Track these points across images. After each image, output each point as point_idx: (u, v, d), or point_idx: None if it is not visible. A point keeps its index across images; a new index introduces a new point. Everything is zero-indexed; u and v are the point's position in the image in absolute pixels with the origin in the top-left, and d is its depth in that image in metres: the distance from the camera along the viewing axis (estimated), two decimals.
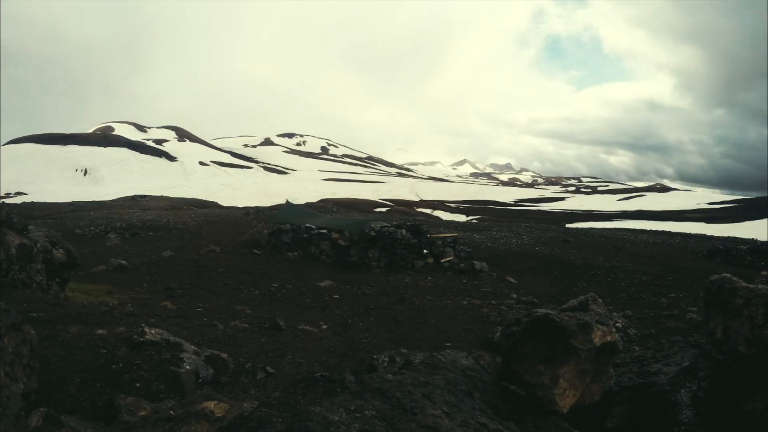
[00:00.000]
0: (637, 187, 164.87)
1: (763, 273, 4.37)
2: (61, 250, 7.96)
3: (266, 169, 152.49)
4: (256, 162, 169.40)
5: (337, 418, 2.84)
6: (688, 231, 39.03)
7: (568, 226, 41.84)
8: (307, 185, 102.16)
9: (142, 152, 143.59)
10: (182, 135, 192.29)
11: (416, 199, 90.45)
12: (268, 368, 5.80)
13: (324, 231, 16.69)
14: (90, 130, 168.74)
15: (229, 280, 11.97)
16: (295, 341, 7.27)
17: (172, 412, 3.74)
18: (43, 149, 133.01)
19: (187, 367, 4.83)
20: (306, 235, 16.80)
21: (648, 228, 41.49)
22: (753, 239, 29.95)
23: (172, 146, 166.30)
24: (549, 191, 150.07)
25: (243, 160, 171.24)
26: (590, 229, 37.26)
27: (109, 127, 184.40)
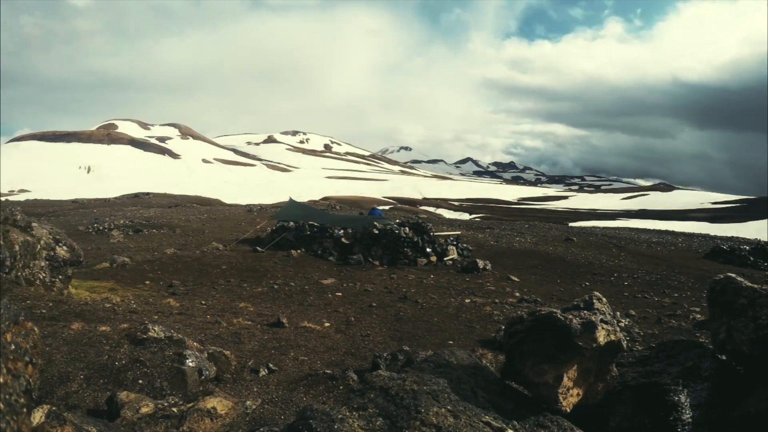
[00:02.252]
0: (641, 186, 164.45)
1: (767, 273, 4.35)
2: (64, 247, 7.98)
3: (269, 166, 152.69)
4: (259, 159, 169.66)
5: (339, 416, 2.84)
6: (691, 230, 38.93)
7: (571, 224, 41.78)
8: (310, 183, 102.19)
9: (145, 150, 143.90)
10: (185, 133, 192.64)
11: (419, 197, 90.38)
12: (270, 366, 5.81)
13: (327, 228, 16.69)
14: (93, 128, 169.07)
15: (232, 278, 11.98)
16: (298, 339, 7.28)
17: (174, 410, 3.74)
18: (46, 146, 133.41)
19: (190, 364, 4.84)
20: (309, 232, 16.81)
21: (651, 227, 41.42)
22: (757, 239, 29.83)
23: (175, 144, 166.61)
24: (552, 190, 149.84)
25: (246, 157, 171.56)
26: (593, 228, 37.20)
27: (113, 124, 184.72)
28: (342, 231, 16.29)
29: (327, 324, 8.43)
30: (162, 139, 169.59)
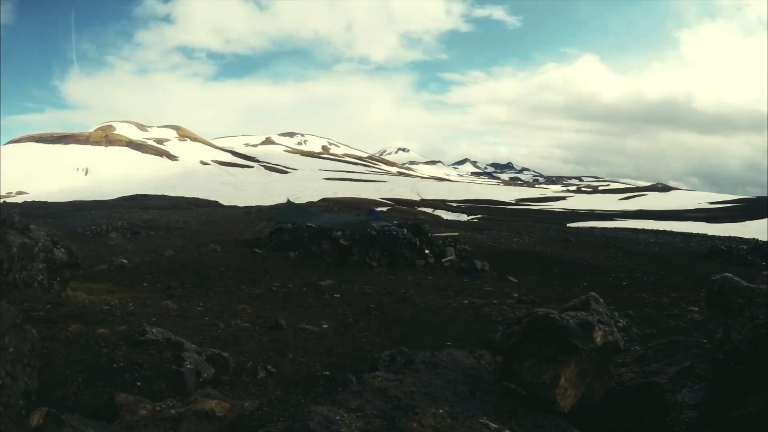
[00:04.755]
0: (638, 187, 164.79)
1: (765, 273, 4.36)
2: (62, 250, 7.96)
3: (267, 168, 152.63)
4: (257, 161, 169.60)
5: (338, 418, 2.84)
6: (689, 230, 38.99)
7: (569, 225, 41.84)
8: (308, 184, 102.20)
9: (143, 151, 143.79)
10: (183, 134, 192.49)
11: (417, 198, 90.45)
12: (269, 367, 5.80)
13: (325, 230, 16.68)
14: (91, 130, 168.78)
15: (230, 279, 11.97)
16: (296, 340, 7.27)
17: (173, 411, 3.74)
18: (44, 148, 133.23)
19: (189, 366, 4.83)
20: (307, 234, 16.79)
21: (649, 227, 41.46)
22: (754, 239, 29.91)
23: (173, 145, 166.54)
24: (550, 190, 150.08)
25: (244, 159, 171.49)
26: (591, 228, 37.26)
27: (110, 126, 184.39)
28: (340, 232, 16.27)
29: (325, 325, 8.43)
30: (160, 141, 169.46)
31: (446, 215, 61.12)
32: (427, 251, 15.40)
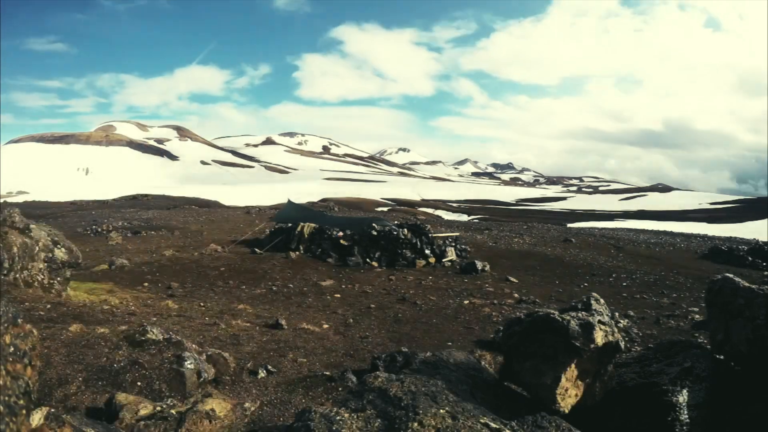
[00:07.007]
0: (638, 187, 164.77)
1: (765, 273, 4.36)
2: (62, 249, 7.97)
3: (268, 168, 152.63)
4: (258, 161, 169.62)
5: (338, 418, 2.84)
6: (690, 231, 38.90)
7: (569, 225, 41.77)
8: (308, 184, 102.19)
9: (143, 151, 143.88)
10: (184, 134, 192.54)
11: (418, 198, 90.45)
12: (269, 367, 5.80)
13: (326, 230, 16.69)
14: (92, 129, 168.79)
15: (231, 279, 11.97)
16: (297, 340, 7.27)
17: (173, 411, 3.74)
18: (44, 148, 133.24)
19: (189, 366, 4.83)
20: (307, 234, 16.79)
21: (650, 228, 41.38)
22: (755, 239, 29.86)
23: (174, 145, 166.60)
24: (551, 191, 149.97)
25: (244, 159, 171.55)
26: (592, 228, 37.21)
27: (111, 126, 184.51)
28: (340, 232, 16.28)
29: (326, 325, 8.43)
30: (160, 141, 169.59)
31: (447, 215, 61.10)
32: (427, 251, 15.41)
